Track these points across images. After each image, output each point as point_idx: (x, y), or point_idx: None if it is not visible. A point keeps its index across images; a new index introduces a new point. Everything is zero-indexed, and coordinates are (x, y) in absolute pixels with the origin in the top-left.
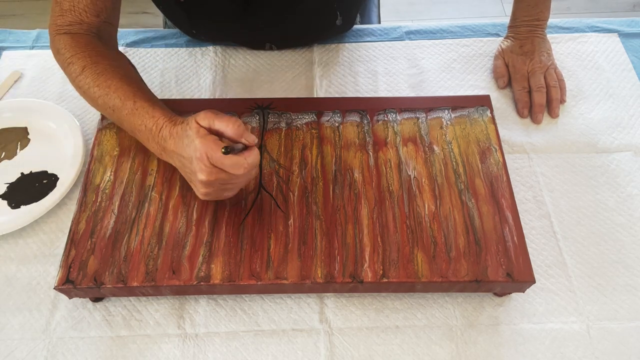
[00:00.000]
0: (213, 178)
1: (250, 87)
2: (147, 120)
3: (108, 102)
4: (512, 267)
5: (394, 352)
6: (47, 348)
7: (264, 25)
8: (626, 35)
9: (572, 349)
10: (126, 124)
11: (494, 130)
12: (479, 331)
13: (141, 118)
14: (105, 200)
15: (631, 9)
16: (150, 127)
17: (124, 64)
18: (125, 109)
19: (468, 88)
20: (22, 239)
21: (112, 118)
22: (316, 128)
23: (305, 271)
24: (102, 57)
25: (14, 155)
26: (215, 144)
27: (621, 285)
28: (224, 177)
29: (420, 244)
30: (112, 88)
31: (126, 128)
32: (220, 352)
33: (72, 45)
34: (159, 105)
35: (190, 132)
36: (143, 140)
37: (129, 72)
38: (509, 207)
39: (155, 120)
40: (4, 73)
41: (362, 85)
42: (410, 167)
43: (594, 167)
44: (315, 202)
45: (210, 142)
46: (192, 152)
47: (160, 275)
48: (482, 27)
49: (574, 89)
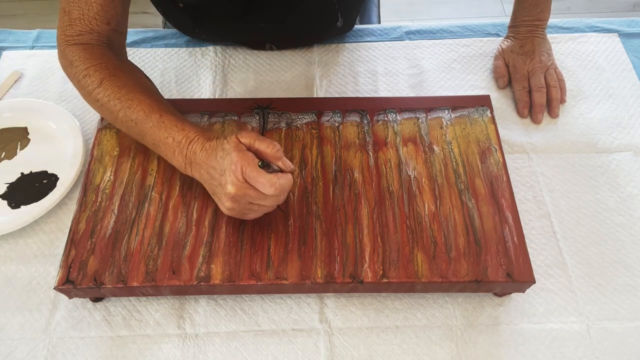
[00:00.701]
0: (242, 193)
1: (250, 87)
2: (175, 133)
3: (130, 115)
4: (512, 267)
5: (394, 352)
6: (47, 348)
7: (265, 25)
8: (626, 35)
9: (572, 349)
10: (149, 137)
11: (494, 130)
12: (479, 331)
13: (168, 131)
14: (105, 200)
15: (631, 9)
16: (179, 139)
17: (141, 77)
18: (150, 121)
19: (468, 88)
20: (22, 239)
21: (131, 131)
22: (316, 128)
23: (305, 271)
24: (119, 70)
25: (14, 155)
26: (252, 159)
27: (621, 285)
28: (252, 195)
29: (420, 244)
30: (134, 101)
31: (148, 141)
32: (220, 352)
33: (87, 57)
34: (187, 121)
35: (228, 145)
36: (167, 153)
37: (149, 85)
38: (509, 207)
39: (186, 134)
40: (4, 73)
41: (362, 85)
42: (410, 167)
43: (594, 167)
44: (315, 202)
45: (248, 157)
46: (227, 165)
47: (160, 276)
48: (482, 27)
49: (574, 89)
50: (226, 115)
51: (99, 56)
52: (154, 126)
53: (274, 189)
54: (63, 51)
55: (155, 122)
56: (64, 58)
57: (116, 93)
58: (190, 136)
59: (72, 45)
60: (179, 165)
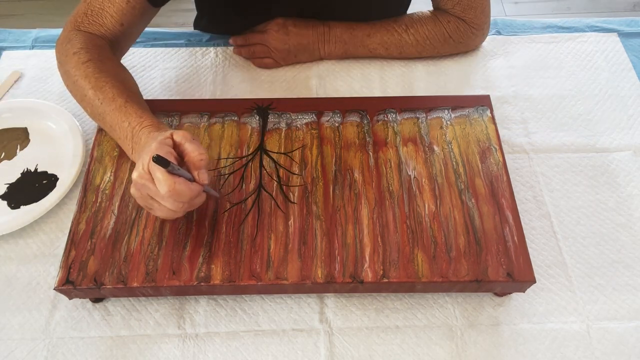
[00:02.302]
0: (141, 182)
1: (250, 87)
2: (132, 119)
3: (99, 95)
4: (512, 267)
5: (394, 352)
6: (47, 348)
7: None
8: (626, 35)
9: (572, 349)
10: (108, 119)
11: (494, 130)
12: (479, 331)
13: (127, 116)
14: (105, 201)
15: (631, 8)
16: (133, 125)
17: (126, 73)
18: (114, 103)
19: (468, 88)
20: (22, 239)
21: (94, 110)
22: (316, 128)
23: (305, 271)
24: (108, 60)
25: (14, 156)
26: (165, 153)
27: (621, 285)
28: (150, 188)
29: (421, 244)
30: (108, 84)
31: (106, 122)
32: (220, 352)
33: (86, 40)
34: (149, 112)
35: (160, 137)
36: (120, 137)
37: (130, 79)
38: (509, 207)
39: (141, 121)
40: (4, 73)
41: (362, 86)
42: (410, 167)
43: (594, 167)
44: (316, 202)
45: (162, 150)
46: (145, 152)
47: (160, 276)
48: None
49: (573, 88)
50: (226, 115)
51: (96, 44)
52: (116, 109)
53: (167, 189)
54: (68, 32)
55: (118, 106)
56: (65, 37)
57: (95, 74)
58: (144, 124)
59: (78, 31)
60: (127, 150)
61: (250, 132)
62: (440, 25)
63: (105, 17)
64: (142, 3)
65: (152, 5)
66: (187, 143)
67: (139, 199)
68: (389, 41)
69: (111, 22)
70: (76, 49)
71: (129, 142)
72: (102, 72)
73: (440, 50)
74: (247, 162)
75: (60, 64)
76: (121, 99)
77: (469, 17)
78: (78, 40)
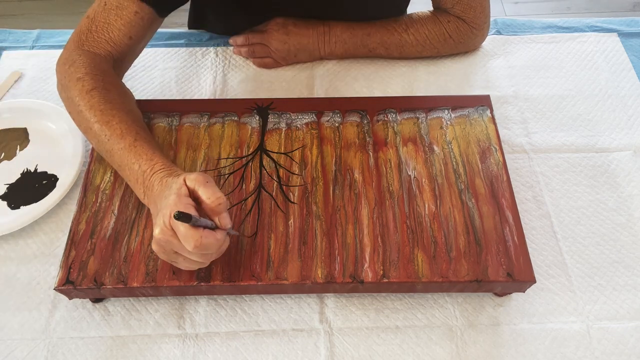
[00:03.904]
0: (165, 239)
1: (250, 87)
2: (143, 161)
3: (106, 130)
4: (512, 266)
5: (394, 352)
6: (47, 348)
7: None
8: (626, 35)
9: (572, 349)
10: (117, 158)
11: (494, 130)
12: (479, 331)
13: (137, 157)
14: (105, 201)
15: (631, 8)
16: (144, 169)
17: (131, 102)
18: (123, 142)
19: (468, 88)
20: (22, 239)
21: (101, 146)
22: (316, 128)
23: (305, 271)
24: (113, 87)
25: (13, 156)
26: (185, 206)
27: (621, 285)
28: (175, 243)
29: (421, 244)
30: (115, 118)
31: (114, 161)
32: (220, 352)
33: (90, 63)
34: (159, 151)
35: (175, 186)
36: (130, 179)
37: (136, 111)
38: (509, 207)
39: (152, 165)
40: (4, 73)
41: (362, 86)
42: (410, 167)
43: (593, 167)
44: (316, 202)
45: (181, 203)
46: (164, 206)
47: (160, 276)
48: None
49: (573, 88)
50: (226, 115)
51: (101, 69)
52: (125, 148)
53: (193, 245)
54: (70, 52)
55: (127, 145)
56: (68, 57)
57: (100, 105)
58: (155, 168)
59: (82, 51)
60: (138, 193)
61: (250, 132)
62: (440, 25)
63: (112, 31)
64: (150, 14)
65: (158, 15)
66: (201, 188)
67: (162, 255)
68: (389, 41)
69: (119, 35)
70: (81, 74)
71: (140, 186)
72: (108, 104)
73: (440, 50)
74: (247, 162)
75: (62, 87)
76: (130, 137)
77: (469, 17)
78: (82, 64)
